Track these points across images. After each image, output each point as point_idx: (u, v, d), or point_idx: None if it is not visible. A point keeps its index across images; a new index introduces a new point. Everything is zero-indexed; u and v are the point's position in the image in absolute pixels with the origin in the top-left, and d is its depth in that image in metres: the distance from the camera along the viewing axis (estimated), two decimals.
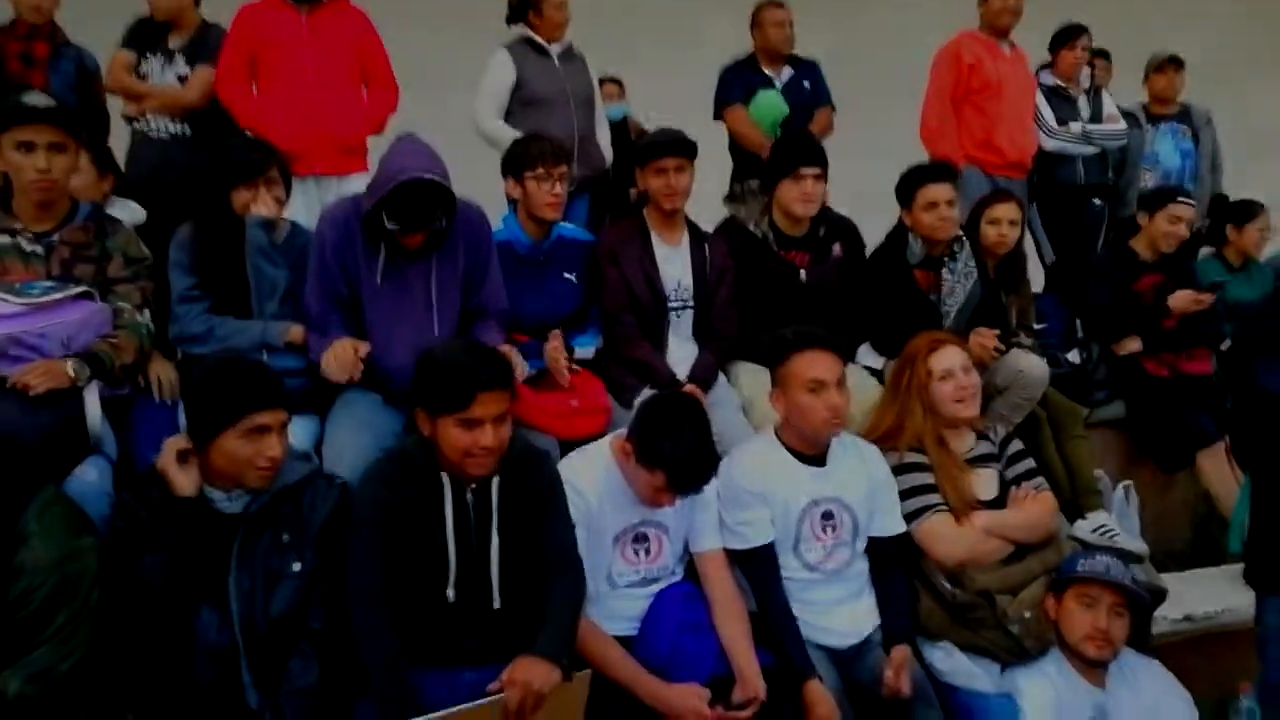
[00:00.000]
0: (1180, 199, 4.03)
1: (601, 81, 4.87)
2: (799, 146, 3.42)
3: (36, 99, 2.49)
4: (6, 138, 2.45)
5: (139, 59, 3.69)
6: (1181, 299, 3.94)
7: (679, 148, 3.15)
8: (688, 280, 3.25)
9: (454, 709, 1.93)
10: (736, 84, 4.41)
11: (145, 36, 3.72)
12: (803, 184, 3.24)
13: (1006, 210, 3.65)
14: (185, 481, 2.05)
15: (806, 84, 4.46)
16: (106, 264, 2.59)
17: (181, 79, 3.67)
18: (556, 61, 4.08)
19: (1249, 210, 4.49)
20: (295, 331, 2.70)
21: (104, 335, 2.48)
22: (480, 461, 2.13)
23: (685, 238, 3.28)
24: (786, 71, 4.45)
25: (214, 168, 2.75)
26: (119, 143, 3.72)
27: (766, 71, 4.43)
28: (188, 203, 2.98)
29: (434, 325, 2.70)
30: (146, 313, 2.62)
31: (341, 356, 2.57)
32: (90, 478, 2.33)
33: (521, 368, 2.79)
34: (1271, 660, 2.38)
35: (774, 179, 3.33)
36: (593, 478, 2.43)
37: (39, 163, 2.45)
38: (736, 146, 4.42)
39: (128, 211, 3.15)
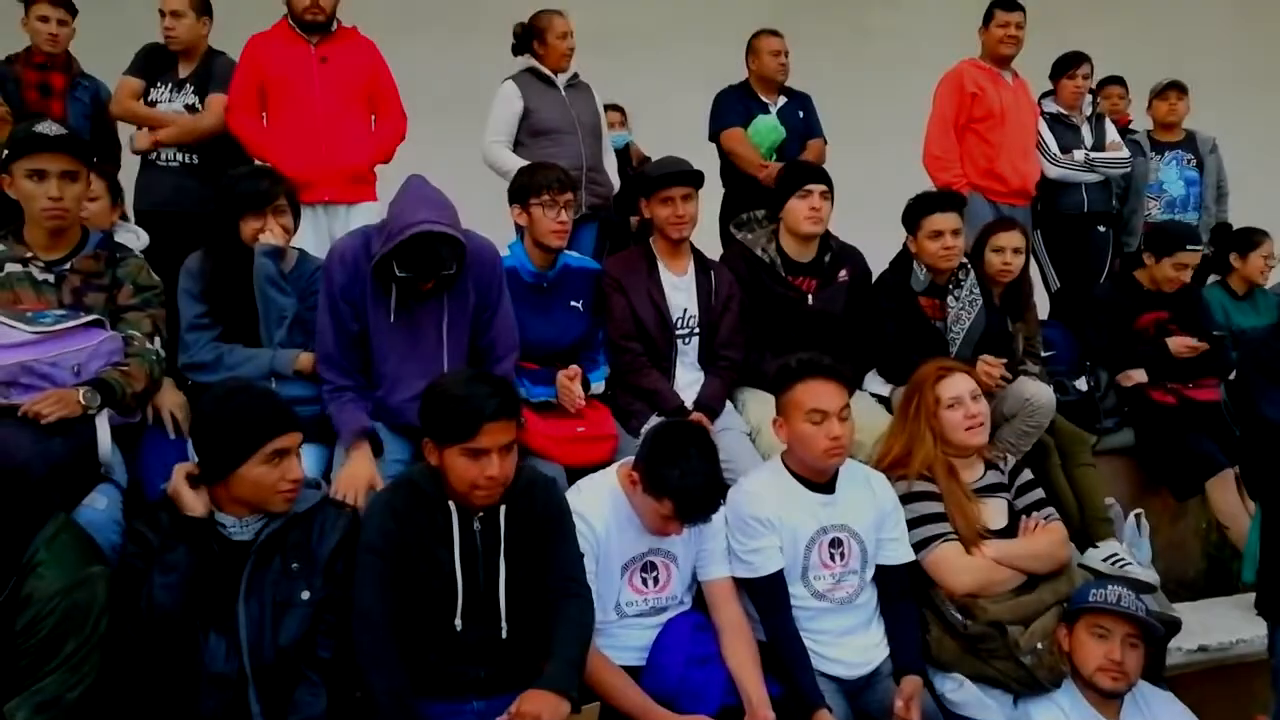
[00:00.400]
0: (1188, 247, 4.01)
1: (604, 109, 4.92)
2: (805, 167, 3.54)
3: (48, 127, 2.49)
4: (18, 166, 2.46)
5: (148, 87, 3.74)
6: (1178, 345, 3.95)
7: (686, 178, 3.17)
8: (694, 308, 3.26)
9: None
10: (733, 108, 4.46)
11: (155, 65, 3.78)
12: (810, 199, 3.29)
13: (1010, 238, 3.66)
14: (196, 503, 2.05)
15: (800, 114, 4.53)
16: (117, 292, 2.60)
17: (189, 108, 3.72)
18: (563, 91, 4.11)
19: (1252, 239, 4.50)
20: (304, 360, 2.71)
21: (115, 363, 2.48)
22: (487, 492, 2.12)
23: (691, 265, 3.30)
24: (781, 100, 4.51)
25: (223, 197, 2.76)
26: (125, 172, 3.75)
27: (762, 98, 4.49)
28: (197, 232, 3.00)
29: (444, 362, 2.69)
30: (157, 340, 2.62)
31: (356, 478, 2.49)
32: (100, 506, 2.32)
33: (578, 395, 2.86)
34: None
35: (782, 199, 3.37)
36: (600, 507, 2.42)
37: (51, 191, 2.46)
38: (730, 173, 4.44)
39: (132, 237, 3.17)
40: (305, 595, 2.09)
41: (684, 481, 2.26)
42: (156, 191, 3.71)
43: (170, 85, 3.75)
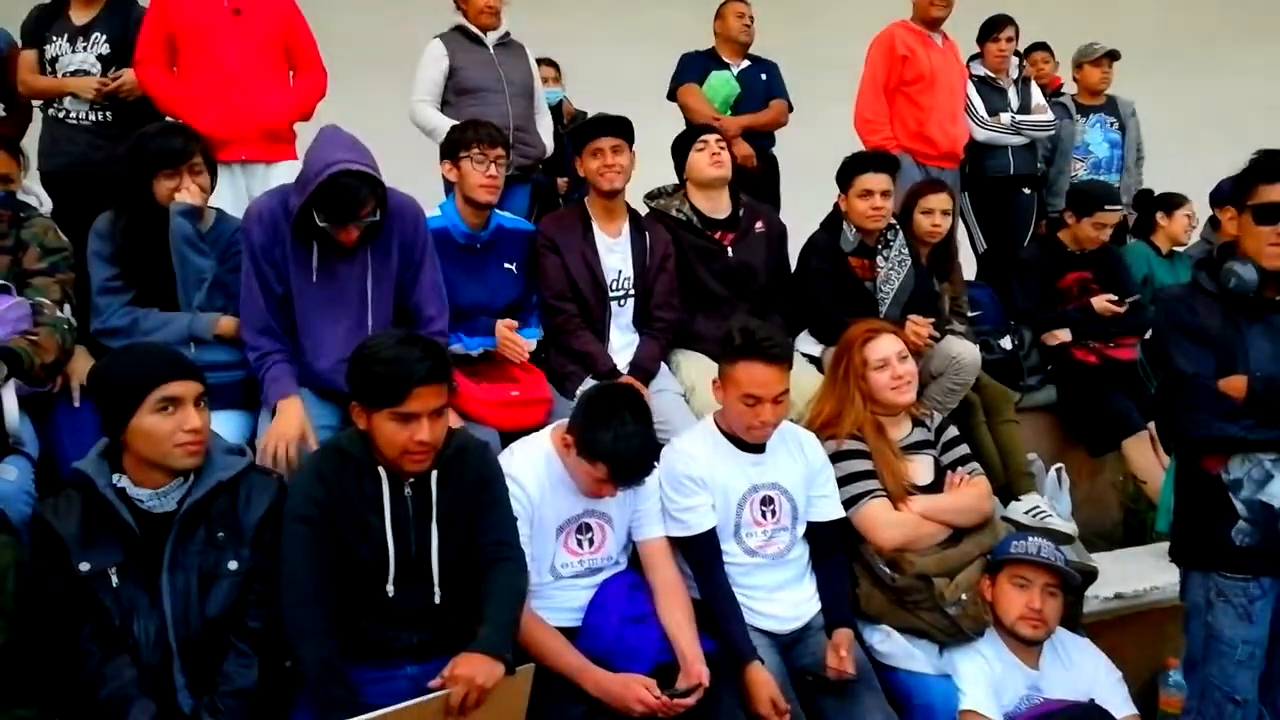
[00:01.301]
0: (1107, 207, 4.12)
1: (537, 63, 4.85)
2: (697, 127, 3.64)
3: None
4: None
5: (42, 48, 3.51)
6: (1102, 304, 4.05)
7: (614, 126, 3.14)
8: (629, 270, 3.25)
9: (395, 707, 1.89)
10: (693, 67, 4.53)
11: (43, 22, 3.54)
12: (707, 149, 3.36)
13: (939, 200, 3.72)
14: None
15: (763, 76, 4.56)
16: (22, 254, 2.49)
17: (102, 58, 3.50)
18: (491, 50, 4.03)
19: (1176, 199, 4.66)
20: (225, 323, 2.63)
21: (24, 332, 2.38)
22: (417, 457, 2.09)
23: (626, 227, 3.27)
24: (745, 64, 4.54)
25: (134, 155, 2.63)
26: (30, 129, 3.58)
27: (725, 60, 4.53)
28: (108, 192, 2.86)
29: (368, 324, 2.64)
30: (67, 308, 2.52)
31: (285, 434, 2.43)
32: (10, 477, 2.24)
33: (524, 346, 2.83)
34: (1192, 635, 2.46)
35: (683, 158, 3.43)
36: (533, 470, 2.41)
37: None
38: None
39: (33, 200, 3.02)
40: (233, 565, 2.04)
41: (617, 445, 2.26)
42: (65, 151, 3.52)
43: (68, 36, 3.50)
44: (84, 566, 1.95)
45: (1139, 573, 3.38)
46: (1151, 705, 3.08)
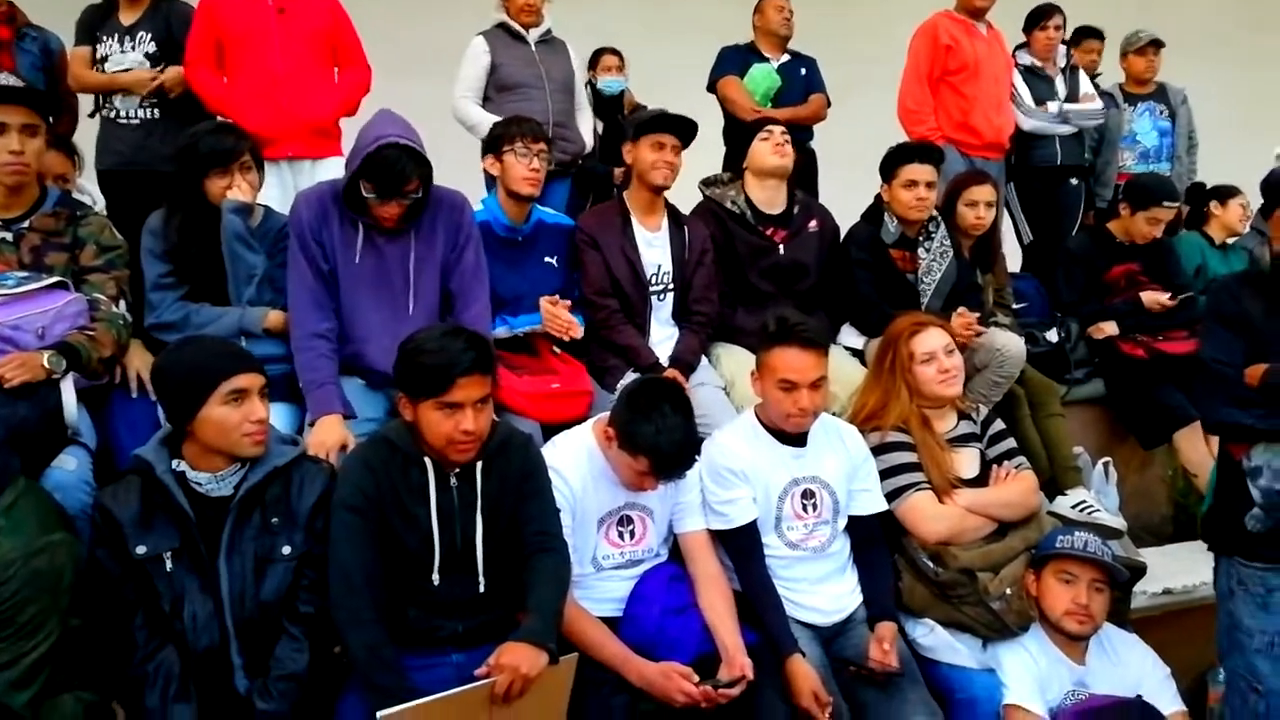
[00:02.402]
0: (1165, 203, 4.03)
1: (601, 53, 4.94)
2: (764, 118, 3.61)
3: (4, 78, 2.43)
4: None
5: (94, 47, 3.58)
6: (1152, 299, 3.98)
7: (681, 126, 3.16)
8: (668, 264, 3.25)
9: (442, 694, 1.92)
10: (733, 60, 4.53)
11: (95, 22, 3.61)
12: (772, 138, 3.36)
13: (983, 192, 3.67)
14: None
15: (803, 70, 4.55)
16: (79, 252, 2.56)
17: (150, 56, 3.56)
18: (533, 47, 4.08)
19: (1229, 189, 4.56)
20: (274, 317, 2.68)
21: (81, 327, 2.44)
22: (462, 447, 2.12)
23: (665, 221, 3.28)
24: (784, 57, 4.54)
25: (186, 154, 2.69)
26: (84, 132, 3.64)
27: (765, 54, 4.53)
28: (159, 190, 2.93)
29: (409, 306, 2.68)
30: (122, 304, 2.59)
31: (324, 443, 2.44)
32: (70, 467, 2.30)
33: (570, 321, 2.89)
34: (1219, 623, 2.45)
35: (745, 148, 3.41)
36: (575, 462, 2.43)
37: (12, 144, 2.41)
38: (731, 131, 4.43)
39: (87, 200, 3.10)
40: (286, 550, 2.09)
41: (659, 438, 2.27)
42: (115, 150, 3.59)
43: (117, 36, 3.57)
44: (140, 550, 2.01)
45: (1188, 568, 3.32)
46: (1201, 703, 3.03)
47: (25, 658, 1.88)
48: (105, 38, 3.57)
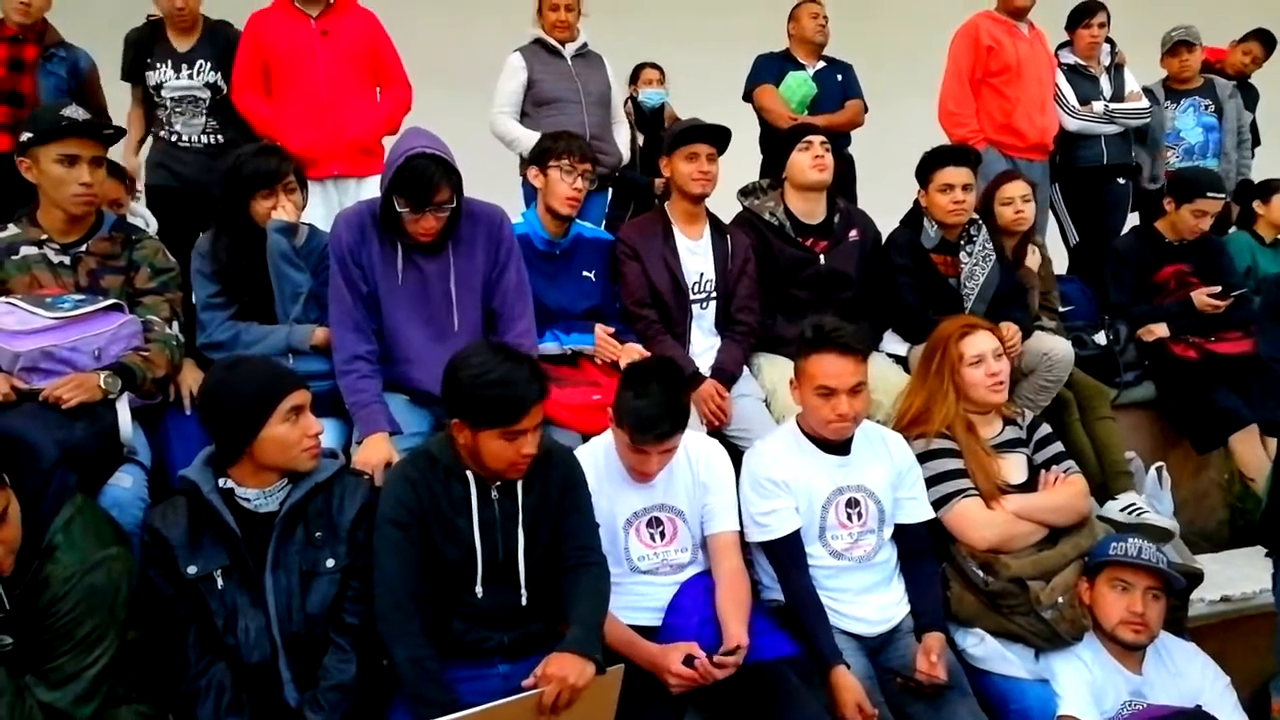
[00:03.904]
0: (1209, 194, 3.95)
1: (641, 67, 4.98)
2: (803, 126, 3.58)
3: (75, 112, 2.51)
4: (46, 151, 2.47)
5: (144, 75, 3.61)
6: (1203, 299, 3.89)
7: (714, 134, 3.16)
8: (711, 272, 3.26)
9: (490, 705, 1.94)
10: (769, 68, 4.54)
11: (143, 50, 3.63)
12: (812, 149, 3.33)
13: (1015, 188, 3.64)
14: None
15: (839, 77, 4.55)
16: (134, 275, 2.62)
17: (210, 86, 3.62)
18: (569, 61, 4.11)
19: (1273, 184, 4.44)
20: (320, 334, 2.72)
21: (136, 348, 2.51)
22: (521, 467, 2.15)
23: (706, 230, 3.29)
24: (820, 64, 4.54)
25: (232, 177, 2.75)
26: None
27: (800, 61, 4.53)
28: (208, 209, 3.00)
29: (454, 324, 2.71)
30: (175, 325, 2.65)
31: (369, 463, 2.45)
32: (126, 485, 2.36)
33: (618, 347, 2.93)
34: (1277, 628, 2.37)
35: (784, 158, 3.39)
36: (592, 461, 2.45)
37: (83, 176, 2.48)
38: (767, 139, 4.43)
39: (140, 222, 3.18)
40: (330, 563, 2.12)
41: (637, 403, 2.28)
42: (176, 171, 3.65)
43: (172, 62, 3.61)
44: (191, 570, 2.05)
45: (1247, 574, 3.23)
46: (1263, 713, 2.94)
47: (87, 671, 1.92)
48: (158, 64, 3.62)
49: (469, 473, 2.18)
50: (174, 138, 3.66)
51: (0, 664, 1.84)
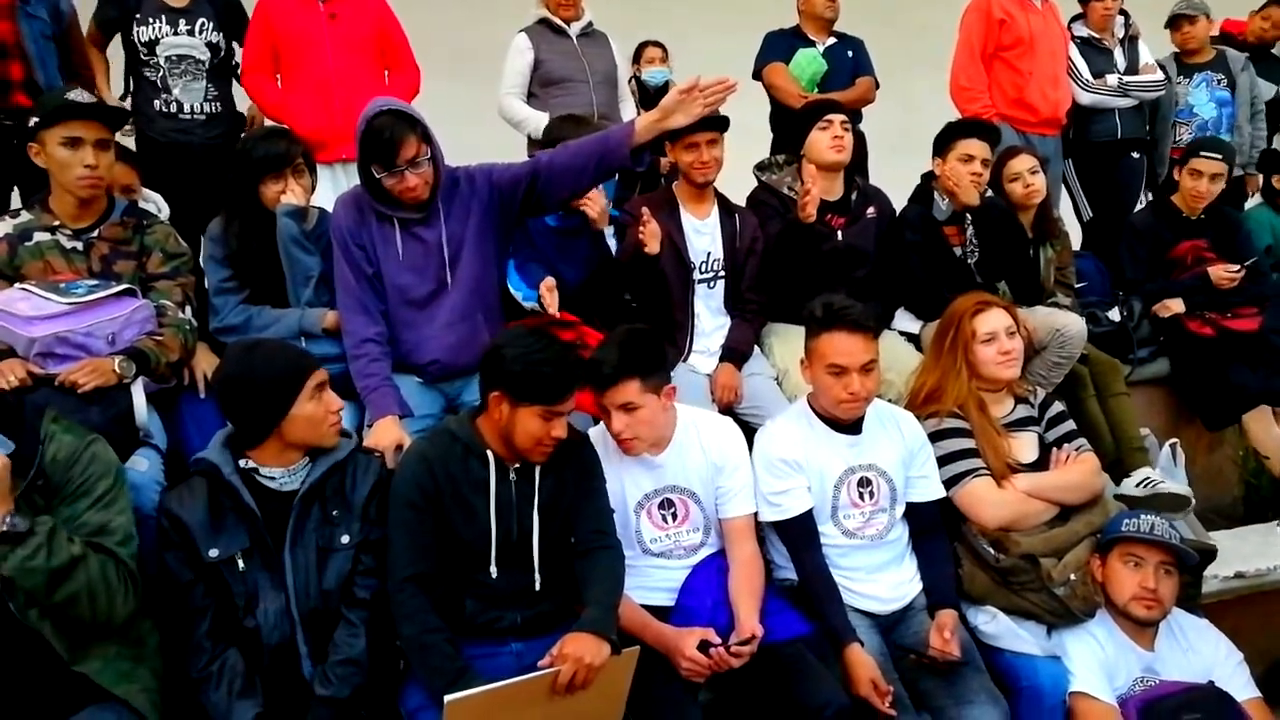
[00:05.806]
0: (1204, 153, 3.91)
1: (644, 46, 4.93)
2: (823, 102, 3.53)
3: (79, 95, 2.51)
4: (51, 134, 2.47)
5: (132, 28, 3.44)
6: (1218, 274, 3.86)
7: (710, 122, 3.13)
8: (718, 251, 3.24)
9: (507, 681, 1.96)
10: (779, 46, 4.49)
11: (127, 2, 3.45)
12: (831, 129, 3.30)
13: (1021, 162, 3.62)
14: None
15: (849, 53, 4.50)
16: (146, 260, 2.63)
17: (211, 46, 3.52)
18: (575, 41, 4.09)
19: None
20: (332, 317, 2.73)
21: (149, 333, 2.52)
22: (547, 449, 2.17)
23: (715, 210, 3.27)
24: (830, 40, 4.49)
25: (241, 161, 2.76)
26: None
27: (810, 38, 4.49)
28: (216, 191, 2.99)
29: (449, 282, 2.66)
30: (188, 309, 2.66)
31: (381, 443, 2.45)
32: (142, 468, 2.37)
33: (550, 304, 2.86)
34: None
35: (804, 135, 3.36)
36: (603, 445, 2.44)
37: (87, 159, 2.49)
38: (777, 117, 4.40)
39: (152, 207, 3.18)
40: (345, 539, 2.14)
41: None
42: (174, 133, 3.53)
43: (166, 18, 3.45)
44: (213, 553, 2.06)
45: (1261, 550, 3.24)
46: (1277, 689, 2.94)
47: (114, 521, 1.99)
48: (151, 19, 3.46)
49: (489, 452, 2.19)
50: (173, 107, 3.51)
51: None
